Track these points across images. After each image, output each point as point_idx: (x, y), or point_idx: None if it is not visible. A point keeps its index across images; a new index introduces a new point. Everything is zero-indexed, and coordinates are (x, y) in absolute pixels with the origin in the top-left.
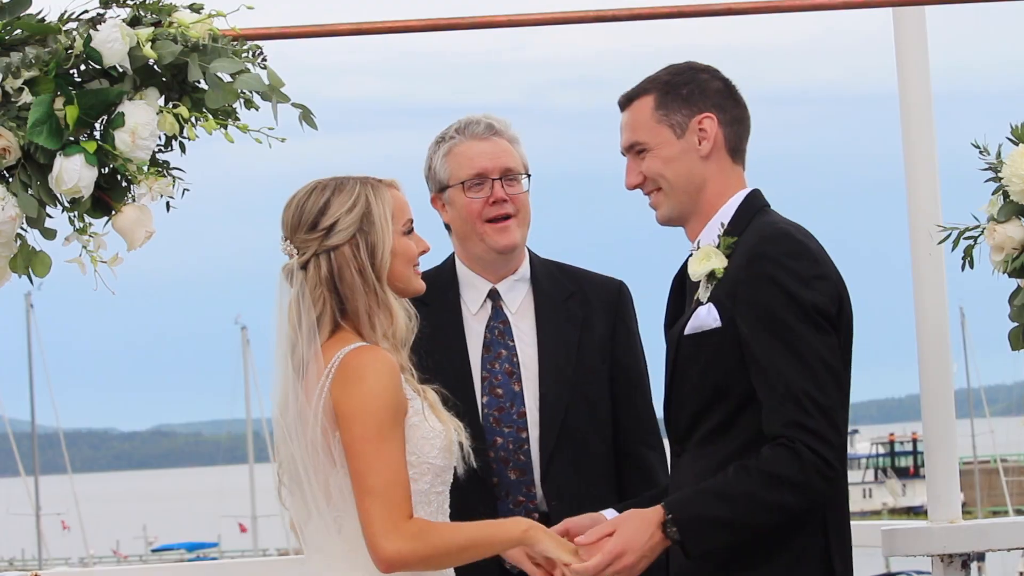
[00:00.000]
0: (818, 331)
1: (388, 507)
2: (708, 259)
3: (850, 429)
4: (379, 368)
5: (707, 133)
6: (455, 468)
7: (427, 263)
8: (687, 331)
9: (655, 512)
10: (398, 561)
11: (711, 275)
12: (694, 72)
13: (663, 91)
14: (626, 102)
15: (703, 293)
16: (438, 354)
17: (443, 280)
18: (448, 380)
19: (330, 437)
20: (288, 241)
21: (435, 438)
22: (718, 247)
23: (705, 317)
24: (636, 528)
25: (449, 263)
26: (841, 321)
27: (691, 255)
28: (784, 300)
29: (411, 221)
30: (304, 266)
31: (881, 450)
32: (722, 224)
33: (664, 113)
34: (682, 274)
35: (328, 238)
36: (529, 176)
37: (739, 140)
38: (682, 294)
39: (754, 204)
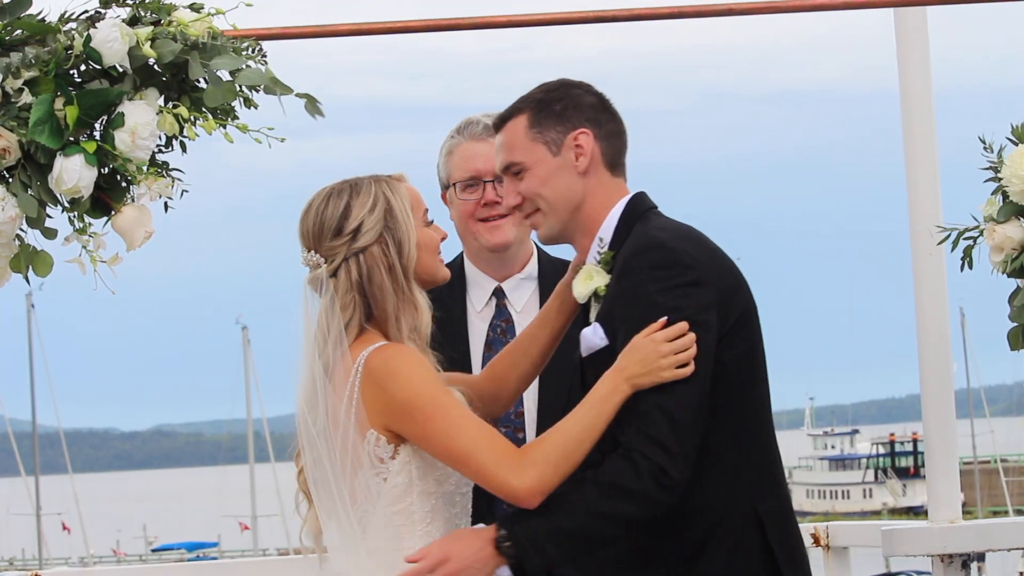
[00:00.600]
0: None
1: (493, 455)
2: (591, 279)
3: (850, 429)
4: (405, 357)
5: (583, 149)
6: None
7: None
8: (583, 353)
9: (488, 529)
10: (536, 490)
11: (596, 294)
12: (567, 88)
13: (536, 109)
14: (500, 123)
15: (592, 313)
16: (441, 351)
17: (451, 277)
18: None
19: (359, 439)
20: (312, 251)
21: None
22: (599, 263)
23: (592, 337)
24: (465, 540)
25: (458, 260)
26: (728, 323)
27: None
28: (653, 313)
29: (427, 211)
30: (334, 273)
31: (882, 450)
32: (601, 239)
33: (539, 131)
34: None
35: (355, 241)
36: None
37: (617, 154)
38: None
39: (634, 213)
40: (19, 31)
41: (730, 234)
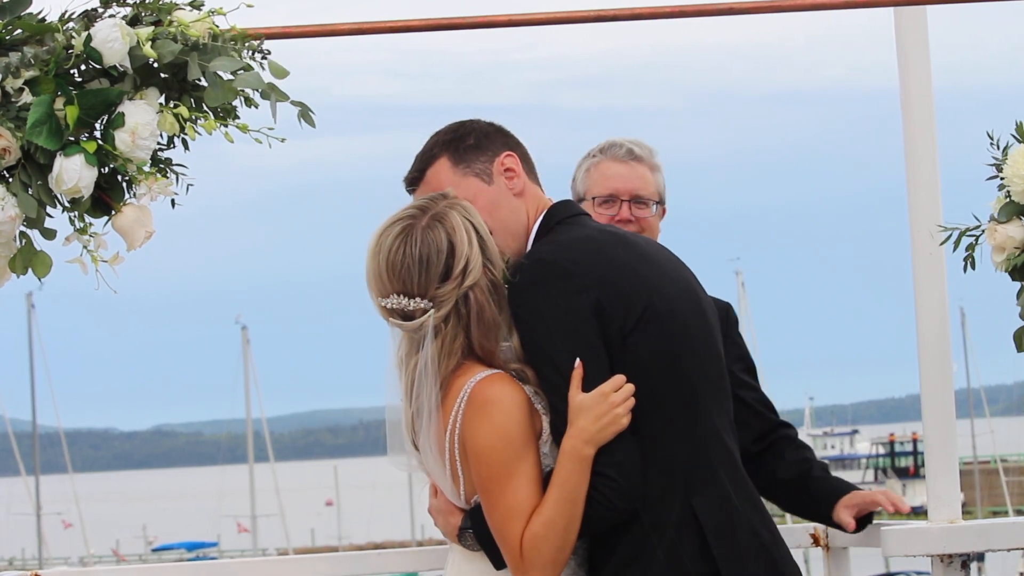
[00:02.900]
0: (577, 356)
1: (509, 549)
2: None
3: (850, 429)
4: (505, 400)
5: (515, 171)
6: None
7: None
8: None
9: (456, 518)
10: None
11: None
12: (469, 123)
13: (452, 148)
14: (418, 176)
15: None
16: None
17: None
18: None
19: (466, 465)
20: (420, 298)
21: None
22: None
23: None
24: (446, 513)
25: None
26: (632, 318)
27: None
28: (540, 331)
29: None
30: (445, 318)
31: (881, 450)
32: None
33: (465, 166)
34: None
35: (465, 279)
36: (660, 203)
37: (535, 173)
38: None
39: (544, 228)
40: (19, 31)
41: (730, 233)
